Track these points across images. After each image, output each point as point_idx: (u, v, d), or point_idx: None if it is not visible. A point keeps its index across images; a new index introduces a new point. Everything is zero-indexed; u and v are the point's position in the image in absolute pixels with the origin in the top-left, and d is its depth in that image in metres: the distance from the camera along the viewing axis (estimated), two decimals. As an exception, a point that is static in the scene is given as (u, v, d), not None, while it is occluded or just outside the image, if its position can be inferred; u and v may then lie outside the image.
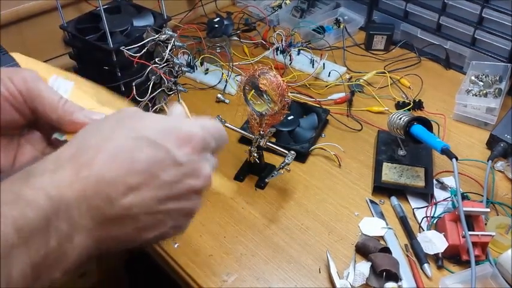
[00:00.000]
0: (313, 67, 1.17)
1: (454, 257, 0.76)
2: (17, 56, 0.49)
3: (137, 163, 0.36)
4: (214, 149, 0.42)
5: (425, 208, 0.84)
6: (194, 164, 0.39)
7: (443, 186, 0.87)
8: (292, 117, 0.98)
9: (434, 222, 0.81)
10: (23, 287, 0.31)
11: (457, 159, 0.78)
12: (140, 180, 0.36)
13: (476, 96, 1.04)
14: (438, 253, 0.75)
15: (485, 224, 0.79)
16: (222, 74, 1.13)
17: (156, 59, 1.00)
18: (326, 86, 1.13)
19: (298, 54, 1.21)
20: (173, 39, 1.00)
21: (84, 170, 0.35)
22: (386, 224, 0.81)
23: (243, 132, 0.91)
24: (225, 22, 1.20)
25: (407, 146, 0.93)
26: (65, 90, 0.46)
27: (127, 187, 0.35)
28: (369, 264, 0.73)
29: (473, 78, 1.08)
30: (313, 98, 1.09)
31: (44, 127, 0.45)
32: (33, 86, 0.43)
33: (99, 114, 0.43)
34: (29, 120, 0.44)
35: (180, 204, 0.39)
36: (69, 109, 0.43)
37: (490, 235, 0.73)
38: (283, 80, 0.80)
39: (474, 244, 0.72)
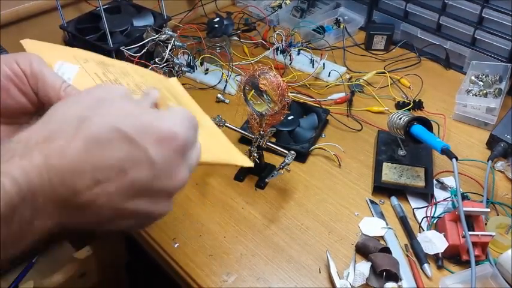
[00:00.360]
0: (313, 67, 1.17)
1: (454, 257, 0.76)
2: (27, 43, 0.50)
3: (110, 158, 0.35)
4: (195, 138, 0.41)
5: (425, 208, 0.84)
6: (170, 165, 0.38)
7: (443, 186, 0.87)
8: (292, 117, 0.98)
9: (434, 222, 0.81)
10: None
11: (457, 159, 0.78)
12: (108, 175, 0.35)
13: (476, 96, 1.04)
14: (438, 253, 0.75)
15: (485, 224, 0.79)
16: (222, 74, 1.13)
17: (156, 59, 1.00)
18: (326, 86, 1.13)
19: (298, 54, 1.21)
20: (173, 39, 1.00)
21: (53, 158, 0.34)
22: (386, 224, 0.81)
23: (243, 132, 0.91)
24: (225, 22, 1.20)
25: (407, 146, 0.93)
26: (70, 75, 0.47)
27: (94, 180, 0.34)
28: (369, 264, 0.73)
29: (473, 78, 1.08)
30: (313, 98, 1.09)
31: None
32: (37, 68, 0.43)
33: None
34: (37, 106, 0.45)
35: (148, 206, 0.38)
36: (71, 92, 0.43)
37: (490, 235, 0.73)
38: (283, 80, 0.80)
39: (474, 244, 0.72)
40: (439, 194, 0.86)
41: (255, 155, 0.87)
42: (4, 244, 0.32)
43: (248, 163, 0.50)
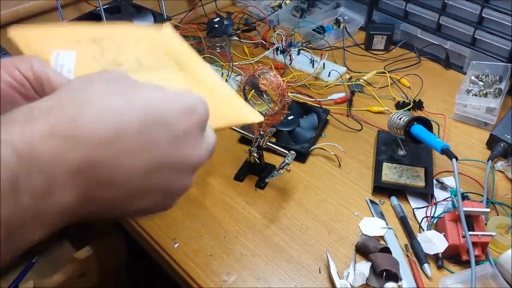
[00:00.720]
0: (313, 67, 1.17)
1: (454, 257, 0.76)
2: (14, 32, 0.48)
3: (127, 125, 0.33)
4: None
5: (425, 208, 0.84)
6: (191, 138, 0.37)
7: (443, 186, 0.87)
8: (292, 117, 0.98)
9: (434, 222, 0.81)
10: None
11: (457, 159, 0.78)
12: (129, 144, 0.33)
13: (476, 96, 1.04)
14: (438, 253, 0.75)
15: (485, 224, 0.79)
16: (222, 74, 1.13)
17: (156, 59, 1.00)
18: (326, 86, 1.13)
19: (298, 54, 1.21)
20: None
21: (63, 125, 0.32)
22: (386, 224, 0.81)
23: (243, 132, 0.91)
24: (225, 22, 1.19)
25: (407, 146, 0.93)
26: (70, 65, 0.46)
27: (114, 150, 0.33)
28: (369, 264, 0.73)
29: (473, 78, 1.08)
30: (313, 98, 1.09)
31: None
32: (40, 71, 0.42)
33: None
34: None
35: (172, 179, 0.36)
36: None
37: (490, 235, 0.73)
38: (283, 80, 0.80)
39: (474, 244, 0.72)
40: (439, 194, 0.86)
41: (255, 155, 0.87)
42: (20, 218, 0.30)
43: (258, 118, 0.48)
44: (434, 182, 0.88)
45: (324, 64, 1.17)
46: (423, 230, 0.80)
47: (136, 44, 0.51)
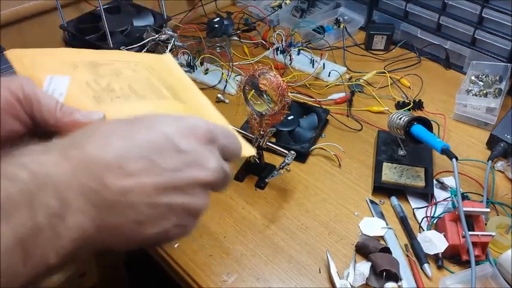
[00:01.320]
0: (313, 67, 1.17)
1: (454, 257, 0.76)
2: (12, 53, 0.48)
3: (133, 148, 0.35)
4: (223, 147, 0.40)
5: (425, 208, 0.84)
6: (198, 154, 0.37)
7: (443, 186, 0.87)
8: (292, 117, 0.98)
9: (434, 222, 0.81)
10: (14, 267, 0.30)
11: (457, 159, 0.78)
12: (137, 166, 0.34)
13: (476, 96, 1.04)
14: (438, 253, 0.75)
15: (485, 224, 0.79)
16: (222, 74, 1.13)
17: (156, 59, 1.00)
18: (326, 86, 1.13)
19: (298, 54, 1.21)
20: (173, 39, 1.01)
21: (71, 151, 0.33)
22: (386, 224, 0.81)
23: (243, 132, 0.91)
24: (225, 22, 1.20)
25: (407, 146, 0.93)
26: (62, 90, 0.46)
27: (123, 172, 0.34)
28: (369, 264, 0.73)
29: (473, 78, 1.08)
30: (313, 98, 1.09)
31: (45, 136, 0.44)
32: (30, 92, 0.42)
33: (97, 113, 0.42)
34: (28, 128, 0.43)
35: (183, 199, 0.36)
36: (67, 110, 0.42)
37: (490, 235, 0.73)
38: (283, 80, 0.80)
39: (474, 244, 0.72)
40: (439, 194, 0.86)
41: (255, 155, 0.87)
42: (37, 239, 0.31)
43: (251, 152, 0.48)
44: (434, 182, 0.88)
45: (324, 64, 1.17)
46: (423, 230, 0.80)
47: (132, 71, 0.51)
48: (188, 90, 0.53)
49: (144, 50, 1.00)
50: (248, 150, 0.46)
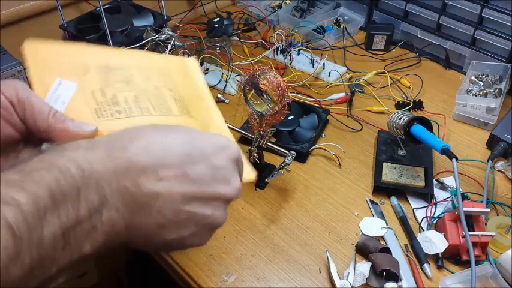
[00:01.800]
0: (313, 67, 1.17)
1: (454, 257, 0.76)
2: (30, 46, 0.48)
3: (170, 157, 0.37)
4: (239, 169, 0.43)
5: (426, 208, 0.84)
6: (227, 171, 0.40)
7: (443, 186, 0.87)
8: (292, 117, 0.98)
9: (435, 222, 0.81)
10: (53, 252, 0.32)
11: (457, 159, 0.78)
12: (170, 173, 0.37)
13: (476, 96, 1.04)
14: (438, 253, 0.75)
15: (485, 224, 0.79)
16: (222, 74, 1.13)
17: (156, 59, 1.00)
18: (326, 86, 1.13)
19: (298, 54, 1.21)
20: (173, 39, 1.01)
21: (116, 152, 0.36)
22: (386, 224, 0.81)
23: (243, 132, 0.91)
24: (225, 22, 1.20)
25: (407, 146, 0.93)
26: (65, 98, 0.46)
27: (157, 177, 0.36)
28: (369, 264, 0.73)
29: (473, 78, 1.08)
30: (313, 98, 1.09)
31: (40, 143, 0.45)
32: (24, 96, 0.43)
33: (89, 126, 0.43)
34: (22, 134, 0.44)
35: (205, 210, 0.39)
36: (60, 118, 0.43)
37: (490, 235, 0.73)
38: (283, 80, 0.80)
39: (474, 244, 0.72)
40: (439, 194, 0.86)
41: (255, 155, 0.87)
42: (77, 229, 0.33)
43: (250, 177, 0.49)
44: (434, 182, 0.88)
45: (324, 64, 1.17)
46: (423, 230, 0.80)
47: (145, 79, 0.50)
48: (202, 100, 0.53)
49: (144, 50, 1.00)
50: (249, 174, 0.47)
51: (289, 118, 0.98)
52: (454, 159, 0.78)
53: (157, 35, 1.00)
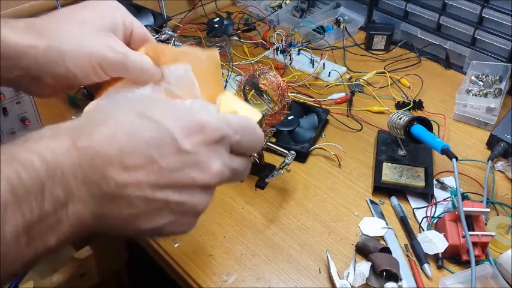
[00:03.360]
0: (313, 67, 1.17)
1: (454, 257, 0.76)
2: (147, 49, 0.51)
3: (136, 144, 0.35)
4: (236, 143, 0.40)
5: (426, 208, 0.84)
6: (200, 156, 0.37)
7: (444, 186, 0.87)
8: (292, 117, 0.98)
9: (434, 222, 0.81)
10: (16, 249, 0.31)
11: (457, 159, 0.78)
12: (136, 162, 0.35)
13: (476, 96, 1.04)
14: (438, 253, 0.75)
15: (485, 224, 0.79)
16: (222, 74, 1.13)
17: (156, 59, 1.00)
18: (326, 86, 1.13)
19: (298, 54, 1.21)
20: (173, 39, 1.00)
21: (82, 141, 0.34)
22: (386, 224, 0.81)
23: (243, 132, 0.91)
24: (225, 22, 1.19)
25: (407, 146, 0.93)
26: (184, 75, 0.47)
27: (123, 166, 0.35)
28: (369, 264, 0.73)
29: (473, 78, 1.08)
30: (313, 98, 1.09)
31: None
32: (129, 20, 0.49)
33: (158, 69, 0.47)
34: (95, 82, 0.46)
35: (180, 197, 0.37)
36: (148, 37, 0.50)
37: (490, 235, 0.73)
38: (283, 80, 0.80)
39: (474, 244, 0.72)
40: (439, 194, 0.86)
41: (255, 155, 0.87)
42: (41, 225, 0.32)
43: (257, 116, 0.48)
44: (434, 182, 0.88)
45: (324, 64, 1.17)
46: (423, 230, 0.80)
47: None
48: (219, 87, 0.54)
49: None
50: (254, 116, 0.46)
51: (289, 118, 0.98)
52: (454, 159, 0.78)
53: (157, 35, 1.00)
